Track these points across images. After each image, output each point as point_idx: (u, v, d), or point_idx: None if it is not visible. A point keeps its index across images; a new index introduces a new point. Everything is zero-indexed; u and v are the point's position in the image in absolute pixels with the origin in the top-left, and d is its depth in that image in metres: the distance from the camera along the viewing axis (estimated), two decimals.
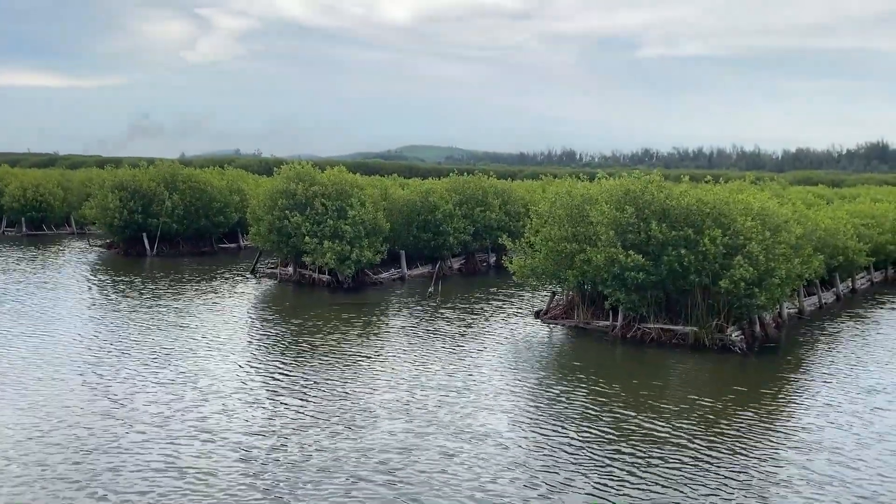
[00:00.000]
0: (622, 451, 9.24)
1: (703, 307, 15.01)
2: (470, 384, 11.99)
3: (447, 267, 25.07)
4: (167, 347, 13.87)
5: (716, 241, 14.45)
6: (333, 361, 13.21)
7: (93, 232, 34.13)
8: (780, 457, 9.33)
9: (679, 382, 12.94)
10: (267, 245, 22.72)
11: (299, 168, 22.58)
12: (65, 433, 9.39)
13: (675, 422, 10.42)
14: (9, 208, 35.46)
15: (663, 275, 14.89)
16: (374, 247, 21.58)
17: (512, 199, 27.01)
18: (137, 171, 29.28)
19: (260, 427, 9.80)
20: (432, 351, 14.17)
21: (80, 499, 7.69)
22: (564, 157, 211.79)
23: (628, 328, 15.66)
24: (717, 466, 8.85)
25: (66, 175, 41.72)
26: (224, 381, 11.85)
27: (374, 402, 10.92)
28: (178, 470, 8.35)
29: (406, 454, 9.00)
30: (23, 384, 11.34)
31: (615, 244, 15.08)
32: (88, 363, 12.67)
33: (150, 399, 10.81)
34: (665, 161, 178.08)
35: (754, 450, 9.47)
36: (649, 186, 15.79)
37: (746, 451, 9.40)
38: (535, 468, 8.70)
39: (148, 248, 28.43)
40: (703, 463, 8.94)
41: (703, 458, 9.08)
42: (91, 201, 29.52)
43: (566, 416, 10.55)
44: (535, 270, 16.97)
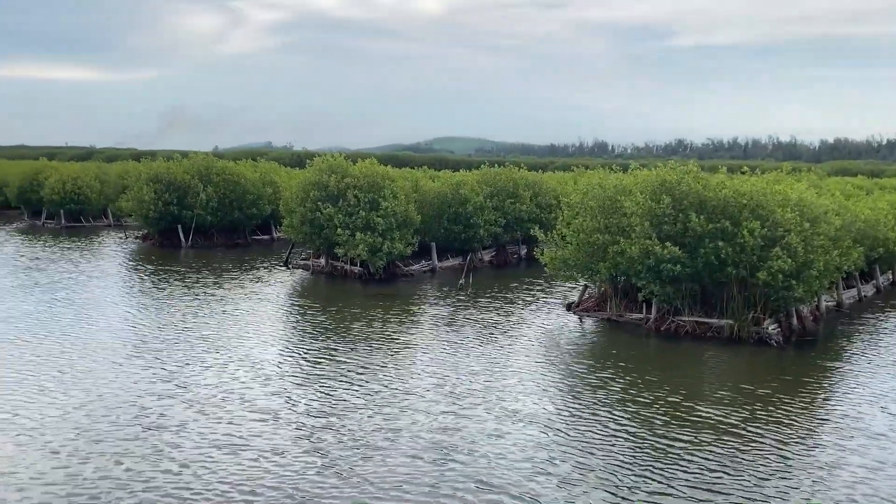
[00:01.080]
0: (665, 438, 9.18)
1: (740, 300, 14.78)
2: (505, 372, 12.06)
3: (478, 259, 25.03)
4: (211, 334, 14.24)
5: (754, 232, 14.21)
6: (372, 348, 13.46)
7: (129, 224, 34.76)
8: (824, 442, 9.26)
9: (715, 374, 12.78)
10: (299, 237, 22.90)
11: (332, 160, 22.68)
12: (126, 412, 9.80)
13: (713, 411, 10.31)
14: (48, 201, 36.20)
15: (699, 267, 14.69)
16: (406, 239, 21.63)
17: (543, 190, 26.85)
18: (172, 164, 29.70)
19: (314, 408, 10.15)
20: (465, 340, 14.20)
21: (152, 472, 8.00)
22: (596, 148, 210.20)
23: (662, 321, 15.49)
24: (759, 453, 8.75)
25: (103, 168, 42.49)
26: (272, 365, 12.25)
27: (417, 386, 11.22)
28: (240, 448, 8.69)
29: (453, 434, 9.26)
30: (77, 368, 11.78)
31: (650, 236, 14.91)
32: (138, 349, 13.12)
33: (205, 382, 11.22)
34: (699, 152, 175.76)
35: (795, 436, 9.36)
36: (686, 177, 15.57)
37: (788, 437, 9.27)
38: (586, 451, 8.76)
39: (183, 240, 28.85)
40: (745, 449, 8.84)
41: (745, 445, 8.98)
42: (127, 194, 30.00)
43: (605, 404, 10.53)
44: (566, 262, 16.86)
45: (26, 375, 11.36)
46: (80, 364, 12.06)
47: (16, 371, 11.58)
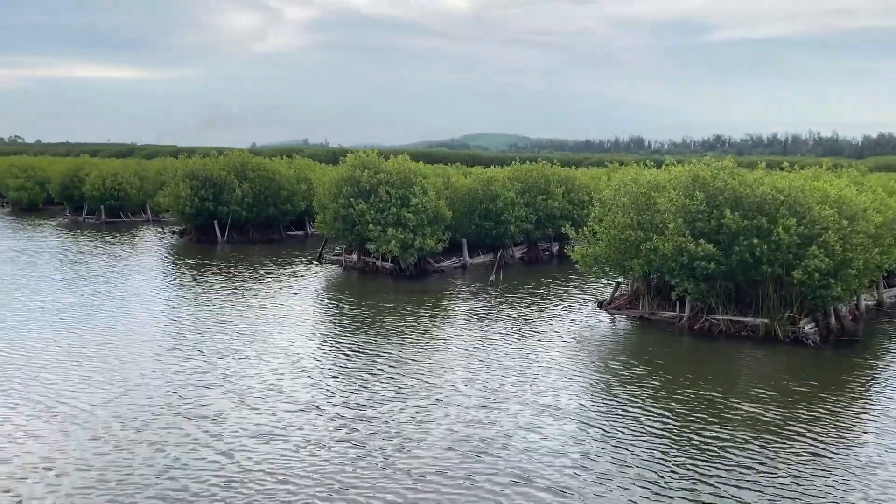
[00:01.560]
0: (701, 435, 9.07)
1: (775, 298, 14.51)
2: (537, 368, 12.09)
3: (509, 256, 24.95)
4: (247, 327, 14.60)
5: (790, 230, 13.92)
6: (404, 343, 13.65)
7: (167, 219, 35.39)
8: (862, 441, 9.11)
9: (750, 373, 12.56)
10: (332, 232, 23.08)
11: (364, 156, 22.81)
12: (167, 402, 10.13)
13: (749, 409, 10.16)
14: (89, 197, 37.02)
15: (734, 265, 14.45)
16: (437, 235, 21.66)
17: (576, 187, 26.63)
18: (208, 161, 30.14)
19: (349, 400, 10.38)
20: (496, 337, 14.20)
21: (193, 460, 8.22)
22: (632, 143, 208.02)
23: (696, 319, 15.28)
24: (795, 451, 8.60)
25: (142, 164, 43.31)
26: (306, 358, 12.54)
27: (449, 380, 11.40)
28: (278, 437, 8.93)
29: (487, 427, 9.40)
30: (120, 358, 12.20)
31: (684, 233, 14.70)
32: (178, 340, 13.55)
33: (243, 373, 11.54)
34: (738, 147, 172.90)
35: (833, 435, 9.19)
36: (721, 173, 15.31)
37: (825, 436, 9.10)
38: (621, 446, 8.71)
39: (219, 235, 29.27)
40: (782, 447, 8.69)
41: (782, 443, 8.83)
42: (164, 190, 30.54)
43: (639, 401, 10.47)
44: (597, 259, 16.71)
45: (71, 365, 11.72)
46: (123, 354, 12.44)
47: (61, 360, 11.97)
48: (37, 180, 42.93)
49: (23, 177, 43.11)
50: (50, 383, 10.77)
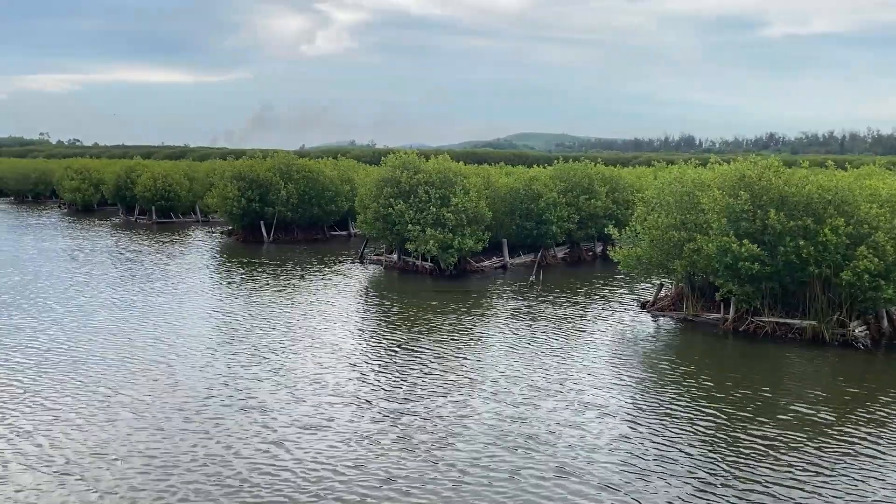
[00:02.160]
0: (748, 435, 8.86)
1: (823, 300, 14.04)
2: (579, 367, 12.02)
3: (550, 256, 24.73)
4: (294, 324, 14.97)
5: (837, 230, 13.46)
6: (445, 341, 13.76)
7: (215, 220, 36.14)
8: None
9: (798, 377, 12.17)
10: (373, 232, 23.22)
11: (404, 157, 22.89)
12: (220, 393, 10.52)
13: (797, 412, 9.87)
14: (141, 198, 38.04)
15: (779, 266, 14.04)
16: (476, 235, 21.59)
17: (620, 186, 26.25)
18: (254, 162, 30.66)
19: (394, 394, 10.61)
20: (537, 336, 14.11)
21: (246, 450, 8.44)
22: (682, 142, 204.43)
23: (740, 321, 14.90)
24: (845, 453, 8.35)
25: (193, 166, 44.31)
26: (351, 353, 12.88)
27: (491, 377, 11.49)
28: (327, 429, 9.18)
29: (531, 423, 9.47)
30: (175, 352, 12.69)
31: (728, 233, 14.35)
32: (229, 336, 13.99)
33: (291, 367, 11.88)
34: (792, 146, 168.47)
35: (884, 440, 8.82)
36: (766, 172, 14.89)
37: (874, 439, 8.76)
38: (666, 444, 8.59)
39: (265, 235, 29.76)
40: (831, 448, 8.42)
41: (831, 444, 8.56)
42: (213, 191, 31.18)
43: (684, 401, 10.28)
44: (640, 260, 16.44)
45: (128, 358, 12.20)
46: (178, 348, 12.93)
47: (118, 354, 12.47)
48: (91, 182, 44.29)
49: (78, 178, 44.52)
50: (108, 375, 11.23)
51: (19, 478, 7.78)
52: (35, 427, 9.13)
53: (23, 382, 10.84)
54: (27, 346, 12.91)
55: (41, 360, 11.96)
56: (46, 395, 10.28)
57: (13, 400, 10.09)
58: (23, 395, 10.27)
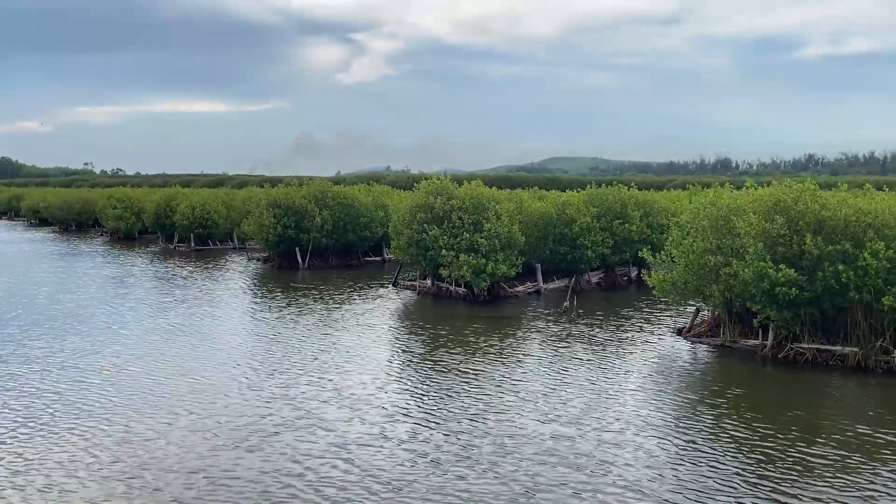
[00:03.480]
0: (772, 483, 8.62)
1: (865, 326, 13.70)
2: (612, 399, 11.81)
3: (585, 281, 24.57)
4: (340, 347, 15.41)
5: (878, 254, 13.18)
6: (486, 365, 13.96)
7: (252, 247, 36.64)
8: None
9: (839, 407, 11.85)
10: (407, 258, 23.35)
11: (437, 183, 23.05)
12: (263, 412, 10.98)
13: (834, 451, 9.57)
14: (180, 225, 38.80)
15: (818, 291, 13.76)
16: (510, 260, 21.57)
17: (654, 210, 26.04)
18: (290, 190, 31.13)
19: (438, 414, 10.96)
20: (571, 365, 13.99)
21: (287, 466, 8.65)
22: (719, 165, 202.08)
23: (779, 348, 14.60)
24: (882, 499, 8.05)
25: (231, 194, 45.09)
26: (389, 377, 13.15)
27: (529, 399, 11.71)
28: (374, 447, 9.59)
29: (574, 445, 9.69)
30: (218, 375, 13.15)
31: (764, 257, 14.13)
32: (269, 359, 14.34)
33: (348, 386, 12.42)
34: (832, 167, 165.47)
35: None
36: (802, 196, 14.67)
37: None
38: (683, 489, 8.39)
39: (300, 262, 30.11)
40: (866, 493, 8.14)
41: (868, 488, 8.28)
42: (249, 218, 31.69)
43: (715, 440, 10.01)
44: (675, 285, 16.24)
45: (173, 381, 12.63)
46: (229, 369, 13.45)
47: (167, 377, 12.92)
48: (133, 210, 45.36)
49: (120, 207, 45.64)
50: (167, 396, 11.84)
51: (92, 491, 8.27)
52: (102, 443, 9.70)
53: (89, 401, 11.54)
54: (86, 367, 13.58)
55: (97, 383, 12.54)
56: (109, 416, 10.83)
57: (87, 415, 10.84)
58: (89, 413, 10.95)
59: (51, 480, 8.50)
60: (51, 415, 10.80)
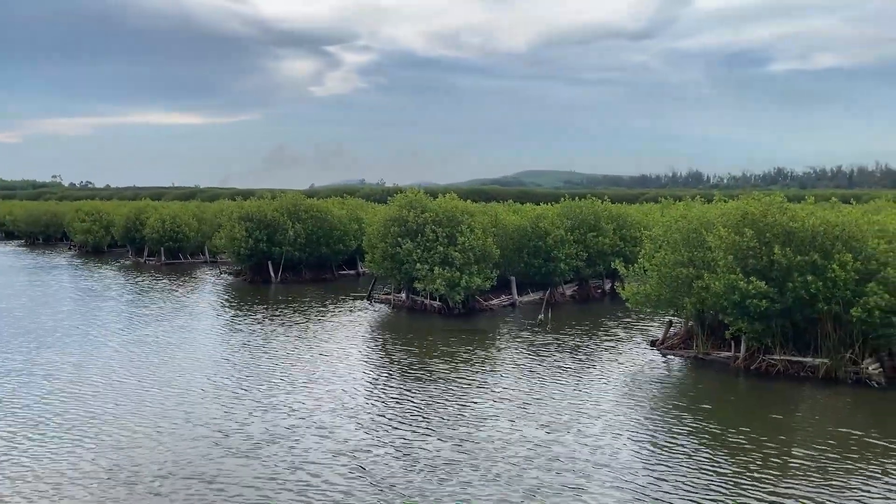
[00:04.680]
0: (751, 493, 8.63)
1: (835, 337, 13.87)
2: (585, 416, 11.70)
3: (559, 293, 24.62)
4: (299, 364, 14.94)
5: (846, 266, 13.36)
6: (460, 379, 13.81)
7: (224, 260, 36.22)
8: None
9: (810, 418, 11.95)
10: (381, 271, 23.22)
11: (411, 196, 22.99)
12: (220, 432, 10.32)
13: (806, 461, 9.63)
14: (149, 239, 38.25)
15: (789, 303, 13.91)
16: (484, 273, 21.55)
17: (627, 223, 26.23)
18: (262, 203, 30.85)
19: (410, 431, 10.75)
20: (545, 378, 13.94)
21: None
22: (690, 178, 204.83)
23: (752, 359, 14.72)
24: (861, 497, 8.10)
25: (202, 207, 44.59)
26: (358, 395, 12.87)
27: (503, 418, 11.48)
28: (342, 464, 9.01)
29: (544, 468, 9.15)
30: (180, 391, 12.51)
31: (735, 270, 14.26)
32: (235, 377, 13.94)
33: (302, 404, 12.08)
34: (801, 181, 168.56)
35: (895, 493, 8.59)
36: (770, 208, 14.86)
37: (887, 493, 8.53)
38: (664, 491, 8.38)
39: (273, 275, 29.80)
40: (843, 492, 8.20)
41: (840, 498, 8.34)
42: (220, 232, 31.33)
43: (688, 452, 10.01)
44: (649, 297, 16.33)
45: (138, 397, 12.14)
46: (188, 388, 12.92)
47: (132, 391, 12.45)
48: (102, 224, 44.64)
49: (88, 220, 44.89)
50: (128, 412, 11.31)
51: None
52: (59, 455, 9.59)
53: (46, 416, 11.26)
54: (47, 381, 13.22)
55: (58, 399, 12.14)
56: (66, 429, 10.55)
57: (42, 430, 10.55)
58: (46, 427, 10.62)
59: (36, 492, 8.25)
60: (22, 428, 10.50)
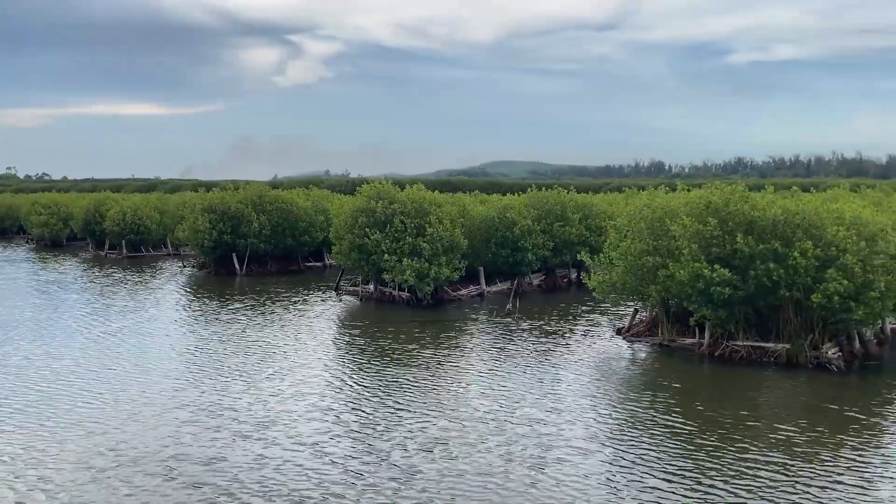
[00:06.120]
0: (712, 476, 8.80)
1: (796, 323, 14.20)
2: (551, 402, 11.81)
3: (527, 283, 24.78)
4: (266, 359, 14.55)
5: (806, 253, 13.67)
6: (426, 370, 13.72)
7: (187, 253, 35.72)
8: (883, 481, 8.70)
9: (772, 403, 12.24)
10: (348, 263, 23.10)
11: (379, 187, 22.89)
12: (183, 430, 10.08)
13: (768, 444, 9.86)
14: (110, 232, 37.51)
15: (751, 290, 14.20)
16: (453, 264, 21.58)
17: (593, 213, 26.46)
18: (226, 194, 30.44)
19: (371, 427, 10.43)
20: (512, 368, 14.01)
21: None
22: (653, 168, 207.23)
23: (716, 346, 15.00)
24: (814, 491, 8.30)
25: (163, 199, 43.83)
26: (325, 388, 12.68)
27: (469, 408, 11.43)
28: (300, 463, 8.81)
29: (509, 456, 9.17)
30: (143, 387, 12.19)
31: (699, 258, 14.50)
32: (197, 372, 13.59)
33: (273, 397, 11.84)
34: (760, 170, 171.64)
35: (854, 473, 8.84)
36: (733, 197, 15.12)
37: (846, 474, 8.78)
38: (620, 493, 8.44)
39: (237, 268, 29.46)
40: (801, 487, 8.40)
41: (801, 482, 8.54)
42: (183, 224, 30.86)
43: (653, 437, 10.18)
44: (615, 286, 16.52)
45: (96, 394, 11.85)
46: (147, 384, 12.58)
47: (87, 388, 12.12)
48: (60, 216, 43.65)
49: (46, 213, 43.86)
50: (81, 409, 11.04)
51: None
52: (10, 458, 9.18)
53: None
54: (15, 377, 12.89)
55: (14, 396, 11.79)
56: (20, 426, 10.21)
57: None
58: None
59: None
60: None
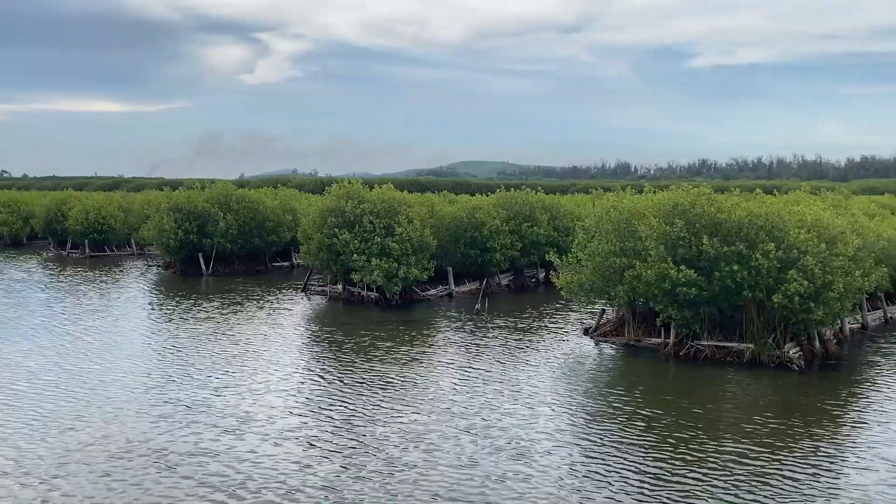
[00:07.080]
0: (677, 473, 8.93)
1: (759, 323, 14.49)
2: (518, 402, 11.86)
3: (495, 283, 24.89)
4: (231, 360, 14.27)
5: (769, 255, 13.95)
6: (395, 370, 13.67)
7: (152, 252, 35.15)
8: (847, 471, 8.99)
9: (735, 401, 12.48)
10: (317, 263, 22.97)
11: (348, 187, 22.80)
12: (149, 430, 9.87)
13: (731, 441, 10.03)
14: (72, 231, 36.74)
15: (716, 290, 14.44)
16: (422, 264, 21.59)
17: (560, 213, 26.69)
18: (192, 193, 30.03)
19: (344, 426, 10.35)
20: (480, 368, 14.05)
21: None
22: (619, 169, 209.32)
23: (681, 345, 15.23)
24: (776, 487, 8.48)
25: (128, 198, 43.07)
26: (290, 389, 12.50)
27: (437, 409, 11.40)
28: (267, 463, 8.70)
29: (475, 456, 9.15)
30: (106, 389, 11.91)
31: (665, 259, 14.71)
32: (161, 373, 13.32)
33: (236, 400, 11.36)
34: (724, 172, 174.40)
35: (815, 469, 9.04)
36: (699, 199, 15.37)
37: (807, 470, 8.98)
38: (588, 488, 8.52)
39: (203, 268, 29.09)
40: (764, 483, 8.57)
41: (763, 478, 8.71)
42: (148, 223, 30.38)
43: (619, 436, 10.29)
44: (583, 286, 16.67)
45: (59, 395, 11.58)
46: (110, 386, 12.30)
47: (50, 390, 11.82)
48: (20, 215, 42.65)
49: (6, 212, 42.82)
50: (46, 413, 10.74)
51: None
52: None
53: None
54: None
55: None
56: None
57: None
58: None
59: None
60: None
